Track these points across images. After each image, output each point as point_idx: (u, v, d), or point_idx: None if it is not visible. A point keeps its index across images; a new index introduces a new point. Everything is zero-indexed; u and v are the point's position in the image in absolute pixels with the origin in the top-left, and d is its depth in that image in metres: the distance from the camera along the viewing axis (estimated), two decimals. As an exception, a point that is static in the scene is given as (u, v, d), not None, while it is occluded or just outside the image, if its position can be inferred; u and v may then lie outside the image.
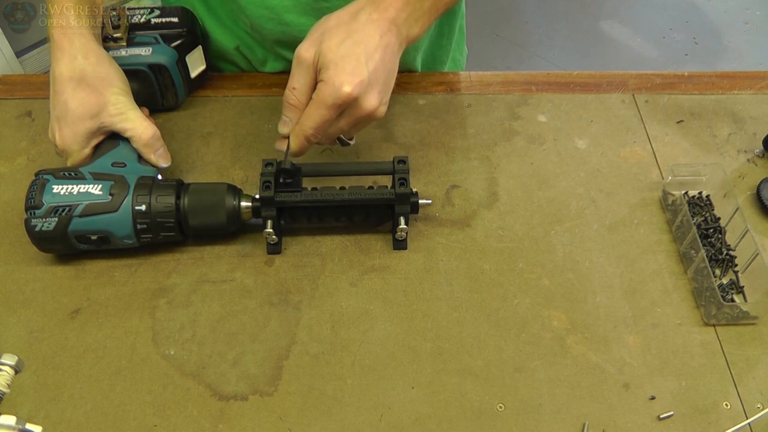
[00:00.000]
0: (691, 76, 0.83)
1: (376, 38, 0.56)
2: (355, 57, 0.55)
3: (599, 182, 0.71)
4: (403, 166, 0.62)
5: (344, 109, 0.57)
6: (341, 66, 0.55)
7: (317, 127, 0.57)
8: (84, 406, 0.55)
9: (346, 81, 0.54)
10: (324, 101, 0.55)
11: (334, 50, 0.55)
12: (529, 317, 0.60)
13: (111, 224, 0.59)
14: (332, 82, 0.55)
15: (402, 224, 0.62)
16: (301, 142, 0.59)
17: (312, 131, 0.58)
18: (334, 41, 0.55)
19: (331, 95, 0.55)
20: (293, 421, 0.54)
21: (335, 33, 0.56)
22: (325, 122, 0.57)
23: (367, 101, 0.56)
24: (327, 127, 0.58)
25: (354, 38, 0.55)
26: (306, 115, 0.57)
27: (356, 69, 0.55)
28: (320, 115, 0.56)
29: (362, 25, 0.56)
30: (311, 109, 0.57)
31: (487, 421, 0.54)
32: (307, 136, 0.58)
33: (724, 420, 0.55)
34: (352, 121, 0.58)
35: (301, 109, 0.58)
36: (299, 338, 0.59)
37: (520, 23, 2.58)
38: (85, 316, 0.60)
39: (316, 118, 0.57)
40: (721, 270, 0.63)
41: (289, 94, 0.58)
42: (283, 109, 0.59)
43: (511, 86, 0.81)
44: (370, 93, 0.56)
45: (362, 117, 0.57)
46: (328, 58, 0.55)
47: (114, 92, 0.63)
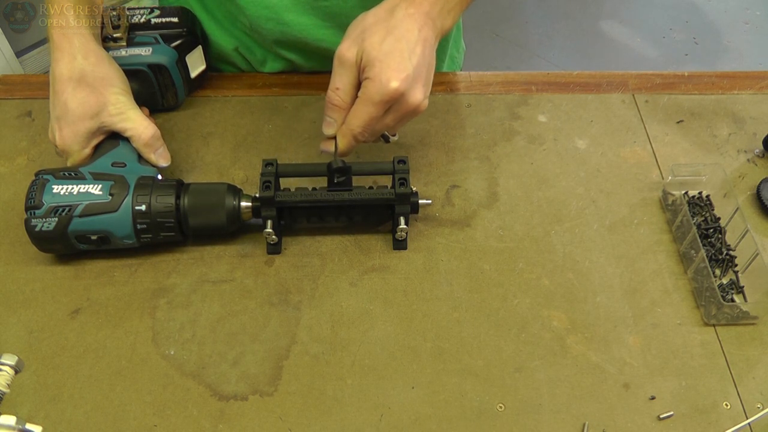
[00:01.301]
0: (691, 76, 0.83)
1: (415, 33, 0.56)
2: (399, 52, 0.55)
3: (599, 182, 0.71)
4: (403, 166, 0.62)
5: (391, 105, 0.57)
6: (386, 62, 0.55)
7: (365, 125, 0.57)
8: (84, 406, 0.55)
9: (393, 77, 0.55)
10: (371, 98, 0.56)
11: (378, 47, 0.55)
12: (529, 317, 0.60)
13: (111, 224, 0.59)
14: (379, 79, 0.55)
15: (402, 224, 0.62)
16: (350, 141, 0.59)
17: (360, 129, 0.58)
18: (376, 38, 0.56)
19: (379, 92, 0.55)
20: (293, 421, 0.54)
21: (376, 30, 0.56)
22: (373, 119, 0.57)
23: (413, 96, 0.56)
24: (375, 124, 0.58)
25: (395, 34, 0.56)
26: (353, 114, 0.58)
27: (401, 64, 0.55)
28: (368, 112, 0.57)
29: (400, 21, 0.56)
30: (359, 108, 0.57)
31: (487, 421, 0.54)
32: (355, 135, 0.58)
33: (724, 420, 0.55)
34: (399, 117, 0.58)
35: (346, 109, 0.58)
36: (299, 338, 0.59)
37: (520, 23, 2.58)
38: (85, 316, 0.60)
39: (364, 116, 0.57)
40: (721, 270, 0.63)
41: (332, 95, 0.58)
42: (327, 110, 0.59)
43: (511, 86, 0.81)
44: (416, 87, 0.56)
45: (408, 111, 0.58)
46: (372, 55, 0.55)
47: (114, 92, 0.63)
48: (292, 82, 0.82)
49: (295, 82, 0.82)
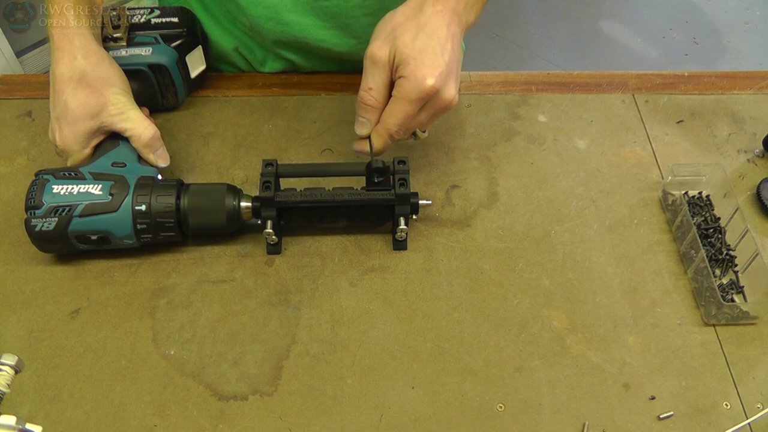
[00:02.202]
0: (691, 76, 0.83)
1: (444, 29, 0.57)
2: (432, 50, 0.55)
3: (599, 182, 0.71)
4: (403, 166, 0.62)
5: (426, 102, 0.57)
6: (420, 60, 0.55)
7: (402, 123, 0.58)
8: (84, 406, 0.55)
9: (429, 74, 0.55)
10: (407, 96, 0.56)
11: (410, 45, 0.55)
12: (529, 317, 0.60)
13: (111, 224, 0.59)
14: (414, 76, 0.55)
15: (402, 224, 0.62)
16: (386, 140, 0.59)
17: (396, 128, 0.58)
18: (408, 36, 0.56)
19: (415, 89, 0.55)
20: (293, 421, 0.54)
21: (407, 28, 0.56)
22: (409, 117, 0.57)
23: (447, 92, 0.57)
24: (410, 121, 0.58)
25: (426, 31, 0.56)
26: (389, 113, 0.58)
27: (435, 61, 0.55)
28: (404, 111, 0.57)
29: (429, 18, 0.56)
30: (395, 106, 0.57)
31: (487, 421, 0.54)
32: (391, 134, 0.58)
33: (724, 420, 0.55)
34: (433, 113, 0.59)
35: (379, 108, 0.59)
36: (299, 338, 0.59)
37: (520, 23, 2.58)
38: (85, 316, 0.60)
39: (400, 115, 0.57)
40: (721, 270, 0.63)
41: (365, 95, 0.58)
42: (360, 110, 0.59)
43: (511, 86, 0.81)
44: (450, 83, 0.57)
45: (442, 107, 0.58)
46: (406, 53, 0.55)
47: (114, 92, 0.63)
48: (292, 82, 0.82)
49: (295, 82, 0.82)
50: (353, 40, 0.78)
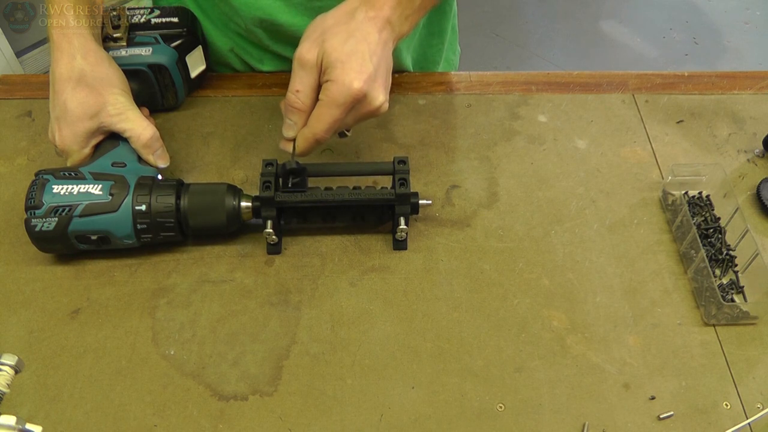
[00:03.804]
0: (691, 76, 0.83)
1: (375, 36, 0.56)
2: (360, 54, 0.55)
3: (599, 182, 0.71)
4: (403, 166, 0.62)
5: (354, 105, 0.57)
6: (348, 64, 0.55)
7: (329, 128, 0.57)
8: (84, 406, 0.55)
9: (356, 78, 0.55)
10: (335, 100, 0.56)
11: (339, 49, 0.55)
12: (529, 317, 0.60)
13: (111, 224, 0.59)
14: (342, 80, 0.55)
15: (402, 224, 0.62)
16: (311, 144, 0.59)
17: (323, 133, 0.58)
18: (338, 40, 0.55)
19: (342, 93, 0.55)
20: (293, 421, 0.54)
21: (336, 32, 0.56)
22: (336, 122, 0.57)
23: (374, 97, 0.57)
24: (337, 125, 0.58)
25: (356, 36, 0.56)
26: (316, 117, 0.57)
27: (363, 66, 0.55)
28: (332, 115, 0.56)
29: (361, 24, 0.56)
30: (322, 110, 0.57)
31: (487, 421, 0.54)
32: (318, 138, 0.58)
33: (724, 420, 0.55)
34: (359, 117, 0.58)
35: (306, 111, 0.58)
36: (299, 338, 0.59)
37: (520, 23, 2.59)
38: (85, 316, 0.60)
39: (328, 119, 0.57)
40: (721, 270, 0.63)
41: (292, 98, 0.58)
42: (287, 112, 0.59)
43: (511, 86, 0.81)
44: (377, 88, 0.57)
45: (369, 112, 0.58)
46: (334, 57, 0.55)
47: (113, 92, 0.63)
48: (292, 82, 0.82)
49: (295, 82, 0.82)
50: None
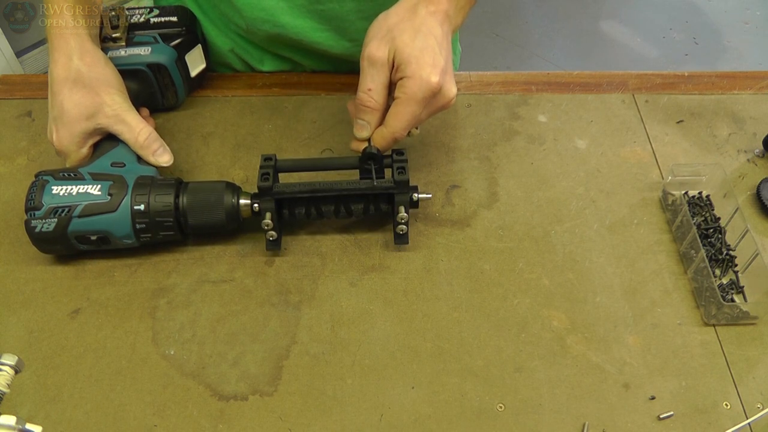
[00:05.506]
0: (691, 76, 0.83)
1: (439, 30, 0.57)
2: (431, 49, 0.55)
3: (599, 182, 0.71)
4: (401, 156, 0.62)
5: (429, 100, 0.57)
6: (422, 59, 0.55)
7: (408, 125, 0.57)
8: (84, 406, 0.55)
9: (432, 72, 0.55)
10: (414, 96, 0.55)
11: (411, 45, 0.55)
12: (529, 317, 0.60)
13: (110, 224, 0.59)
14: (419, 75, 0.55)
15: (402, 212, 0.61)
16: (389, 143, 0.59)
17: (402, 130, 0.57)
18: (407, 36, 0.55)
19: (421, 88, 0.55)
20: (293, 421, 0.54)
21: (403, 29, 0.56)
22: (415, 118, 0.57)
23: (449, 89, 0.57)
24: (414, 122, 0.58)
25: (423, 32, 0.56)
26: (394, 114, 0.57)
27: (435, 60, 0.55)
28: (411, 111, 0.56)
29: (425, 19, 0.57)
30: (400, 108, 0.57)
31: (487, 421, 0.54)
32: (396, 136, 0.58)
33: (724, 420, 0.55)
34: (432, 111, 0.59)
35: (380, 110, 0.58)
36: (299, 338, 0.59)
37: (520, 23, 2.59)
38: (85, 316, 0.60)
39: (406, 116, 0.57)
40: (721, 270, 0.63)
41: (365, 97, 0.58)
42: (359, 112, 0.59)
43: (511, 86, 0.81)
44: (450, 81, 0.57)
45: (442, 105, 0.58)
46: (407, 53, 0.55)
47: (110, 93, 0.63)
48: (291, 82, 0.82)
49: (295, 82, 0.82)
50: (349, 42, 0.78)
